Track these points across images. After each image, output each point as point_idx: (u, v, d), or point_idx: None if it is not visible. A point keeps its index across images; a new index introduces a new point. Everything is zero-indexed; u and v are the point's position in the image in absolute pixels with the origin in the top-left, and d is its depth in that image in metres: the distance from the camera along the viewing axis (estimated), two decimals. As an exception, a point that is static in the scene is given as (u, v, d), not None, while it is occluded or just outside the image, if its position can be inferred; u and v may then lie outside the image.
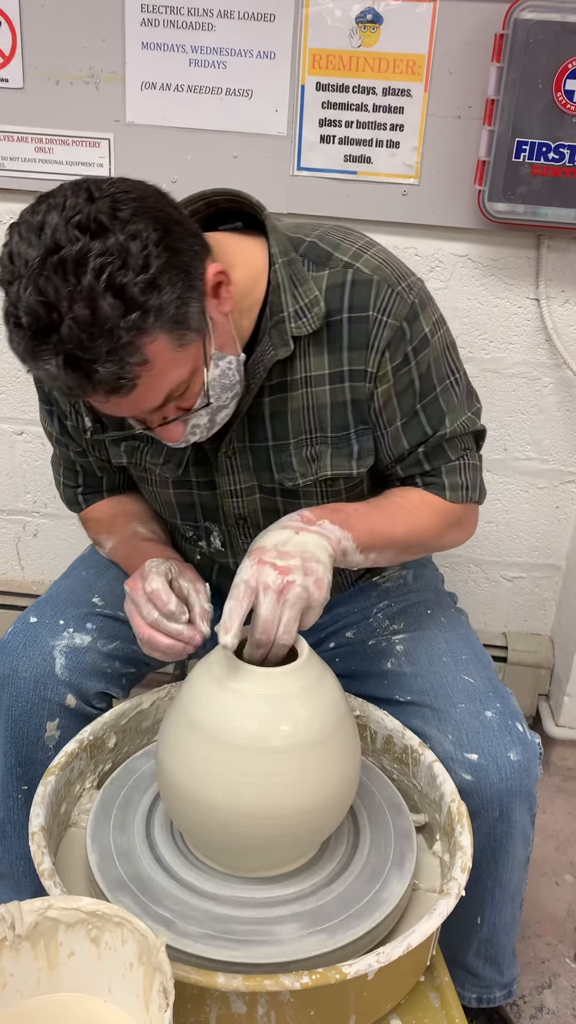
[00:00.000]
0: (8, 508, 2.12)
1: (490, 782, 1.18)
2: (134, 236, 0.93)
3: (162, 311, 0.96)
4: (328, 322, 1.16)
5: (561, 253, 1.78)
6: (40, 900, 0.91)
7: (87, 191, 0.96)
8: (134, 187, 0.99)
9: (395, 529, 1.20)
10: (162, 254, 0.95)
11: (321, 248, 1.18)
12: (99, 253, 0.92)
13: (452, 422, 1.22)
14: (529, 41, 1.57)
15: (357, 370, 1.17)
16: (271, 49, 1.69)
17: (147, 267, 0.93)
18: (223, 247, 1.14)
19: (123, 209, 0.95)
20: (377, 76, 1.68)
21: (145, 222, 0.95)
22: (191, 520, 1.33)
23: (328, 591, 1.05)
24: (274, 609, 1.02)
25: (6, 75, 1.76)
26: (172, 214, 1.00)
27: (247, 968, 0.94)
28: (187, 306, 0.99)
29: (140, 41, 1.71)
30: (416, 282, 1.19)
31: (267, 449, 1.23)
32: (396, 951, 0.93)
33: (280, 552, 1.05)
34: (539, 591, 2.09)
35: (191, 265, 1.00)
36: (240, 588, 1.02)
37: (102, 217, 0.93)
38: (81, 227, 0.93)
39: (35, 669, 1.25)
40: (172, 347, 0.99)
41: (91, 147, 1.79)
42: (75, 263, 0.92)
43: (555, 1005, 1.58)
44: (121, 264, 0.92)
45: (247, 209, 1.20)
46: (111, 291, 0.92)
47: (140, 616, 1.13)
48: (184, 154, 1.77)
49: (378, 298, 1.15)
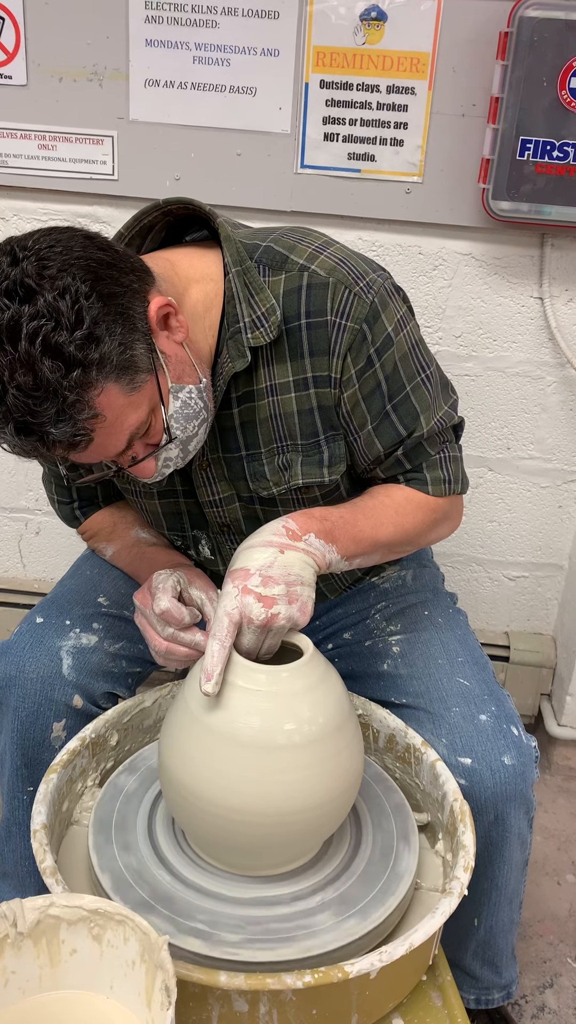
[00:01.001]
0: (10, 506, 2.12)
1: (484, 786, 1.17)
2: (63, 293, 0.93)
3: (104, 362, 0.95)
4: (287, 328, 1.14)
5: (565, 252, 1.78)
6: (42, 898, 0.91)
7: (11, 253, 0.95)
8: (58, 239, 0.98)
9: (380, 533, 1.18)
10: (94, 304, 0.94)
11: (276, 252, 1.16)
12: (31, 317, 0.91)
13: (428, 421, 1.20)
14: (534, 39, 1.57)
15: (321, 376, 1.16)
16: (275, 46, 1.69)
17: (80, 321, 0.93)
18: (178, 267, 1.13)
19: (49, 266, 0.94)
20: (381, 74, 1.68)
21: (73, 274, 0.94)
22: (178, 530, 1.32)
23: (312, 611, 1.05)
24: (258, 640, 1.03)
25: (9, 72, 1.76)
26: (102, 258, 0.98)
27: (250, 967, 0.94)
28: (131, 349, 0.98)
29: (144, 38, 1.71)
30: (376, 279, 1.15)
31: (240, 459, 1.22)
32: (398, 950, 0.93)
33: (264, 578, 1.02)
34: (541, 590, 2.09)
35: (130, 307, 0.99)
36: (224, 624, 1.00)
37: (28, 280, 0.92)
38: (9, 294, 0.92)
39: (42, 670, 1.25)
40: (123, 393, 0.99)
41: (94, 144, 1.79)
42: (9, 332, 0.91)
43: (557, 1005, 1.58)
44: (54, 324, 0.92)
45: (203, 215, 1.18)
46: (48, 353, 0.92)
47: (155, 631, 1.13)
48: (187, 152, 1.77)
49: (335, 301, 1.13)
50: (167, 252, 1.16)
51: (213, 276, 1.15)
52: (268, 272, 1.15)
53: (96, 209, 1.85)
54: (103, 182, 1.81)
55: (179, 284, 1.11)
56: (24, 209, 1.87)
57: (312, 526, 1.09)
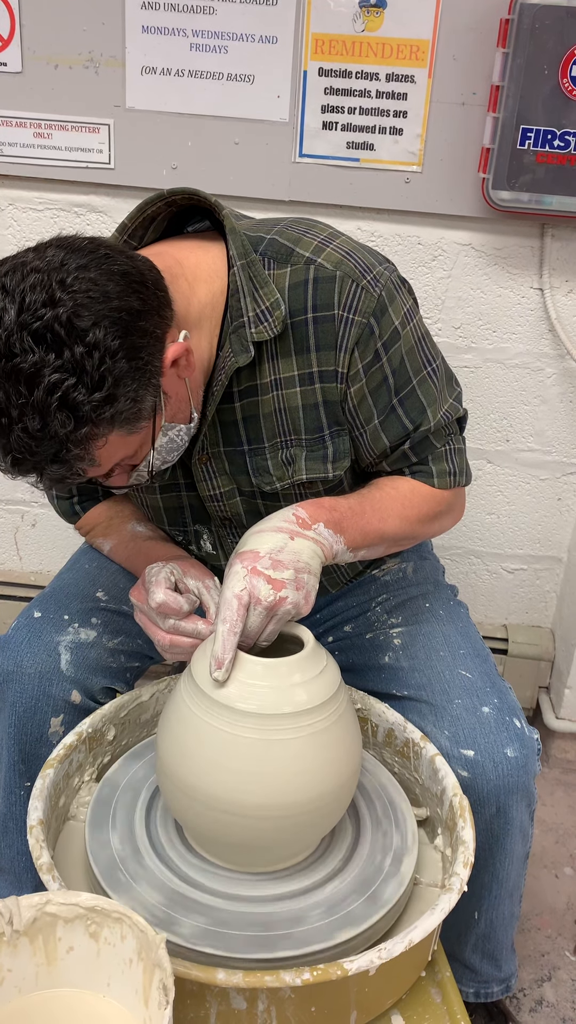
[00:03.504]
0: (6, 498, 2.11)
1: (487, 778, 1.17)
2: (91, 350, 0.91)
3: (115, 419, 0.95)
4: (293, 323, 1.13)
5: (565, 242, 1.77)
6: (39, 895, 0.90)
7: (48, 290, 0.92)
8: (96, 282, 0.94)
9: (387, 526, 1.18)
10: (119, 362, 0.93)
11: (281, 244, 1.15)
12: (54, 369, 0.90)
13: (435, 414, 1.20)
14: (535, 26, 1.55)
15: (327, 371, 1.15)
16: (273, 34, 1.67)
17: (102, 382, 0.92)
18: (186, 265, 1.11)
19: (83, 316, 0.91)
20: (380, 62, 1.66)
21: (105, 328, 0.92)
22: (180, 525, 1.32)
23: (314, 601, 1.05)
24: (262, 622, 1.02)
25: (4, 59, 1.74)
26: (134, 307, 0.96)
27: (248, 964, 0.93)
28: (141, 403, 0.98)
29: (140, 25, 1.69)
30: (383, 272, 1.14)
31: (243, 453, 1.21)
32: (398, 947, 0.92)
33: (274, 561, 1.02)
34: (540, 583, 2.08)
35: (150, 360, 0.98)
36: (232, 607, 0.99)
37: (59, 329, 0.90)
38: (37, 337, 0.90)
39: (40, 665, 1.24)
40: (122, 437, 0.99)
41: (91, 133, 1.77)
42: (28, 376, 0.90)
43: (555, 998, 1.58)
44: (75, 382, 0.91)
45: (207, 207, 1.16)
46: (64, 408, 0.91)
47: (156, 625, 1.13)
48: (184, 140, 1.75)
49: (343, 295, 1.11)
50: (173, 248, 1.14)
51: (219, 272, 1.14)
52: (273, 265, 1.14)
53: (92, 198, 1.84)
54: (99, 171, 1.79)
55: (186, 286, 1.10)
56: (20, 198, 1.85)
57: (322, 515, 1.10)
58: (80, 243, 0.98)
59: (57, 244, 0.98)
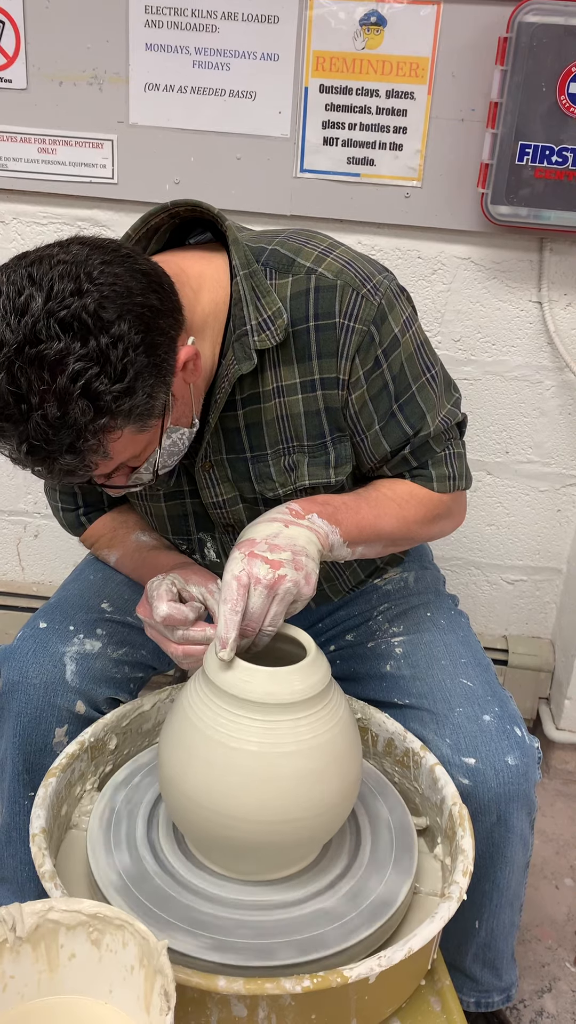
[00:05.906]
0: (9, 509, 2.12)
1: (488, 787, 1.18)
2: (116, 341, 0.92)
3: (132, 412, 0.96)
4: (294, 331, 1.15)
5: (563, 256, 1.78)
6: (41, 902, 0.91)
7: (76, 280, 0.93)
8: (120, 277, 0.96)
9: (383, 523, 1.20)
10: (140, 356, 0.95)
11: (282, 255, 1.17)
12: (79, 357, 0.91)
13: (434, 419, 1.22)
14: (533, 44, 1.57)
15: (328, 378, 1.16)
16: (275, 51, 1.69)
17: (124, 374, 0.93)
18: (190, 274, 1.13)
19: (108, 308, 0.93)
20: (380, 78, 1.69)
21: (129, 322, 0.94)
22: (184, 533, 1.32)
23: (315, 586, 1.06)
24: (264, 603, 1.02)
25: (9, 76, 1.76)
26: (155, 305, 0.98)
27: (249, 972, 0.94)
28: (155, 399, 0.99)
29: (144, 42, 1.71)
30: (383, 281, 1.16)
31: (246, 460, 1.22)
32: (397, 955, 0.93)
33: (271, 545, 1.04)
34: (540, 594, 2.09)
35: (166, 358, 1.00)
36: (232, 588, 1.01)
37: (86, 318, 0.91)
38: (63, 325, 0.91)
39: (45, 675, 1.25)
40: (133, 434, 1.01)
41: (94, 148, 1.79)
42: (52, 363, 0.91)
43: (555, 1009, 1.58)
44: (99, 371, 0.92)
45: (210, 218, 1.18)
46: (85, 396, 0.92)
47: (166, 638, 1.13)
48: (187, 156, 1.77)
49: (343, 303, 1.14)
50: (177, 257, 1.16)
51: (221, 281, 1.16)
52: (275, 275, 1.16)
53: (96, 212, 1.85)
54: (103, 186, 1.81)
55: (191, 294, 1.11)
56: (24, 212, 1.87)
57: (315, 508, 1.12)
58: (102, 241, 1.01)
59: (80, 241, 1.00)
